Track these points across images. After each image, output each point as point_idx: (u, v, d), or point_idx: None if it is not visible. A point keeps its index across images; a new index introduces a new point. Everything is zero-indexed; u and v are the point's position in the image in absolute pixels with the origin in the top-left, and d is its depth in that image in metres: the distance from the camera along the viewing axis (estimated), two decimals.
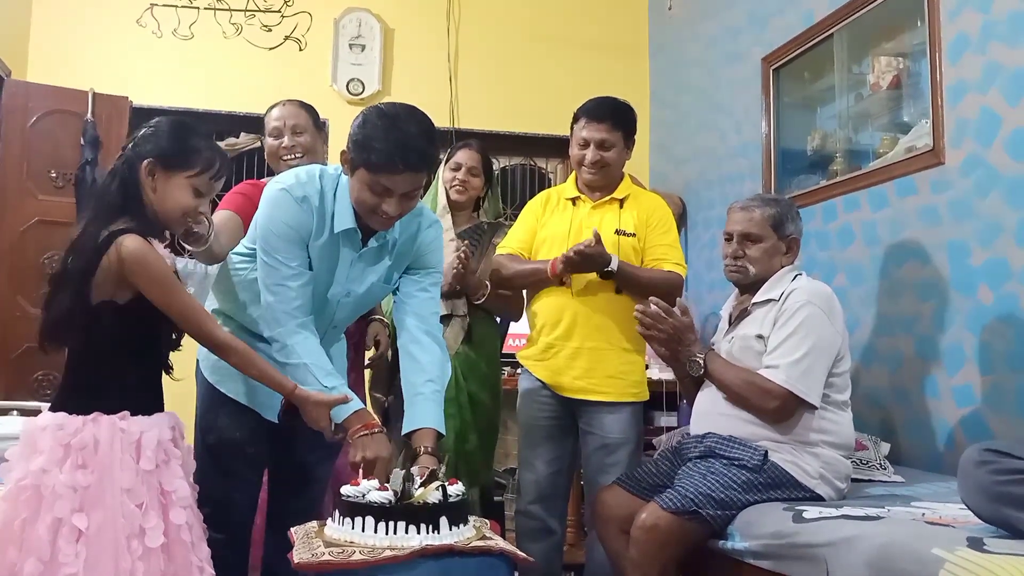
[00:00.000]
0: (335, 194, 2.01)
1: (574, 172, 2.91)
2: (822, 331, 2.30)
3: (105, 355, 1.79)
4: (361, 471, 1.87)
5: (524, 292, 2.98)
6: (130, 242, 1.74)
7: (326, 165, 2.15)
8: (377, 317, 2.94)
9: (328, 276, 2.06)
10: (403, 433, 2.06)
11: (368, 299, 2.19)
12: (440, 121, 4.66)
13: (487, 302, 2.94)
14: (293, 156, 2.69)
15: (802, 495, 2.24)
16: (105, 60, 4.39)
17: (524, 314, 3.02)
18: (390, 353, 2.90)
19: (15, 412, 3.03)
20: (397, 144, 1.87)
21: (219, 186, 1.91)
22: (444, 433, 2.06)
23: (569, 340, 2.75)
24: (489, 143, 4.64)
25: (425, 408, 2.05)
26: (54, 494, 1.66)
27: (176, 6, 4.52)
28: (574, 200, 2.86)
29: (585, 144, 2.75)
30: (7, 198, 4.02)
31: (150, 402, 1.85)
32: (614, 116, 2.76)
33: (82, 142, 4.10)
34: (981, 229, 2.63)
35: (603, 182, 2.81)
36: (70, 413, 1.74)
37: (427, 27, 4.83)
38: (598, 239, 2.58)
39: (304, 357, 1.97)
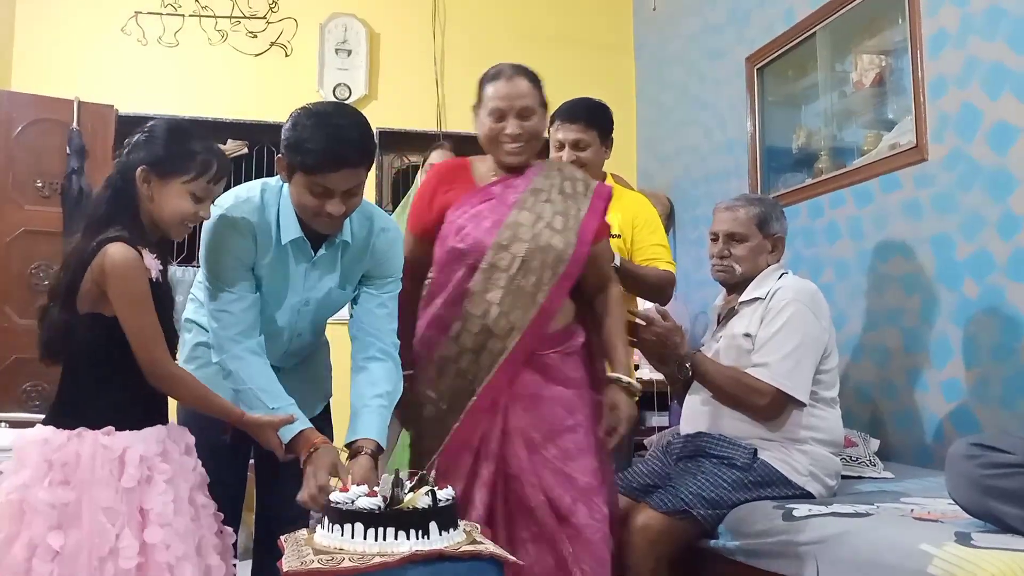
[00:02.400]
0: (279, 206, 1.96)
1: None
2: (808, 328, 2.31)
3: (92, 368, 1.76)
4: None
5: None
6: (114, 250, 1.71)
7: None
8: None
9: (283, 286, 2.01)
10: (345, 443, 2.00)
11: (329, 304, 2.12)
12: (428, 124, 4.74)
13: None
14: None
15: (792, 493, 2.25)
16: (90, 69, 4.38)
17: None
18: None
19: (3, 424, 3.02)
20: (330, 140, 1.82)
21: (219, 189, 1.86)
22: (384, 447, 1.99)
23: None
24: (476, 145, 4.67)
25: (369, 420, 1.98)
26: (33, 511, 1.63)
27: (161, 14, 4.50)
28: None
29: (561, 146, 2.75)
30: None
31: (140, 416, 1.79)
32: (587, 115, 2.75)
33: (68, 151, 4.08)
34: (965, 223, 2.64)
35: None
36: (58, 428, 1.71)
37: (413, 30, 4.83)
38: None
39: (248, 382, 1.93)
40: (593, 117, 2.77)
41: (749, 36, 3.89)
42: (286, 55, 4.65)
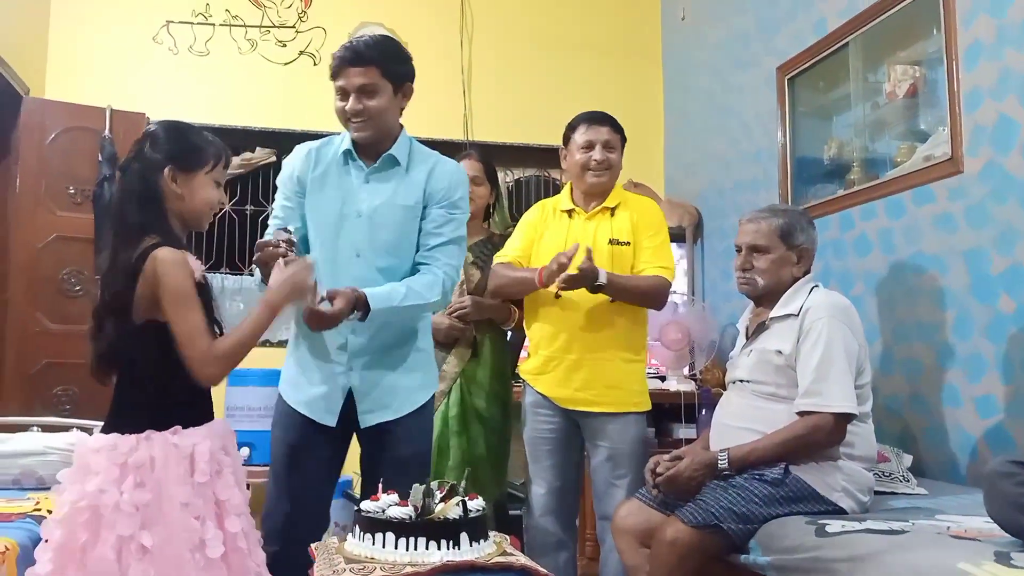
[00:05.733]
0: (344, 135, 2.34)
1: (568, 185, 2.93)
2: (847, 344, 2.29)
3: (153, 374, 1.81)
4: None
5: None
6: (163, 254, 1.77)
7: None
8: None
9: (336, 196, 2.28)
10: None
11: (382, 222, 2.26)
12: (454, 133, 4.75)
13: (493, 312, 2.98)
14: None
15: (824, 508, 2.22)
16: (122, 77, 4.42)
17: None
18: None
19: (36, 428, 3.05)
20: (342, 49, 2.24)
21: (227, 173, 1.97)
22: (372, 305, 2.13)
23: (568, 352, 2.75)
24: (503, 154, 4.72)
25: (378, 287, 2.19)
26: (116, 513, 1.67)
27: (192, 23, 4.55)
28: (569, 212, 2.87)
29: (590, 146, 2.78)
30: (25, 214, 4.04)
31: (199, 413, 1.87)
32: (612, 122, 2.84)
33: (100, 158, 4.12)
34: (999, 236, 2.61)
35: (608, 184, 2.82)
36: (122, 433, 1.76)
37: (440, 40, 4.84)
38: (590, 256, 2.57)
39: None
40: (617, 125, 2.85)
41: (779, 46, 3.87)
42: (314, 64, 4.67)
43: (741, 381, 2.48)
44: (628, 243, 2.75)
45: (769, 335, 2.44)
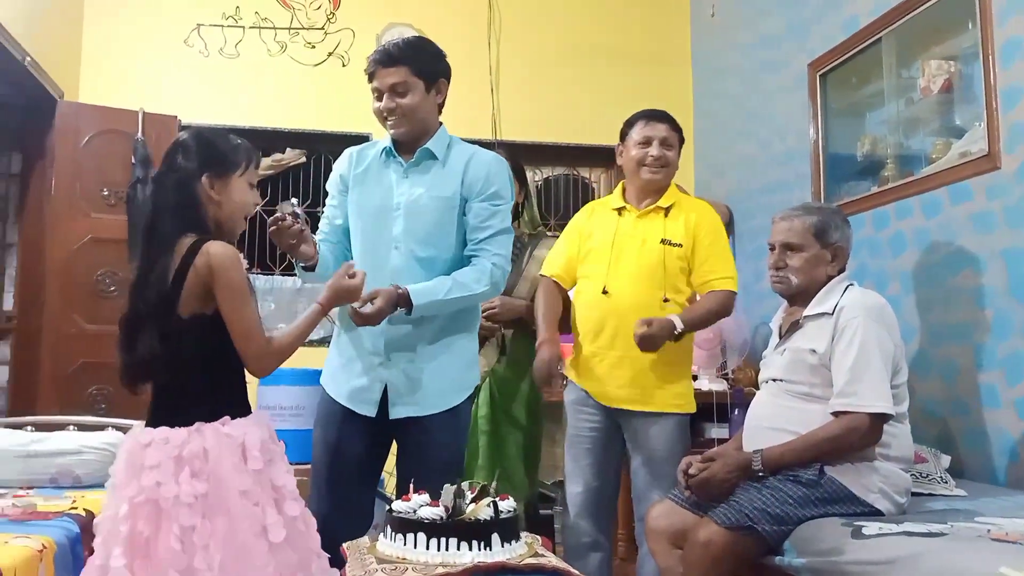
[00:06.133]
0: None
1: (620, 183, 2.90)
2: (882, 344, 2.25)
3: (199, 367, 1.84)
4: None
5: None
6: (216, 247, 1.80)
7: None
8: None
9: (376, 190, 2.36)
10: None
11: (420, 213, 2.31)
12: (482, 133, 4.73)
13: (523, 313, 2.98)
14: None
15: (861, 510, 2.19)
16: (154, 80, 4.47)
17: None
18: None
19: (72, 427, 3.09)
20: (375, 52, 2.33)
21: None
22: (415, 305, 2.20)
23: (612, 349, 2.72)
24: (532, 154, 4.71)
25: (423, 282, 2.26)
26: (177, 504, 1.69)
27: (222, 26, 4.59)
28: (620, 210, 2.84)
29: (647, 142, 2.76)
30: (61, 217, 4.10)
31: (242, 404, 1.90)
32: (671, 120, 2.82)
33: (133, 161, 4.17)
34: None
35: (664, 182, 2.79)
36: (172, 426, 1.78)
37: (468, 40, 4.83)
38: (646, 322, 2.55)
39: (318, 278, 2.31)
40: (676, 123, 2.82)
41: (810, 44, 3.82)
42: (343, 65, 4.70)
43: (774, 380, 2.45)
44: (680, 244, 2.71)
45: (803, 334, 2.40)
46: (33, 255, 4.10)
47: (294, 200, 2.20)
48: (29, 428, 3.00)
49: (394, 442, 2.41)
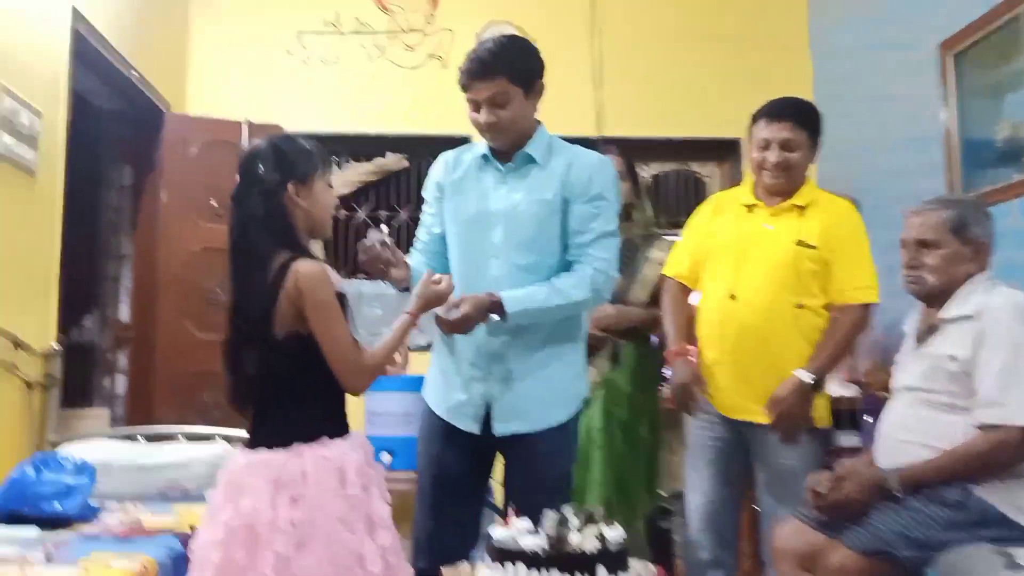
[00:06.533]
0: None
1: (748, 176, 2.72)
2: None
3: (297, 387, 1.81)
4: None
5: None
6: (304, 267, 1.77)
7: None
8: None
9: (473, 197, 2.25)
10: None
11: (518, 220, 2.20)
12: (585, 129, 4.57)
13: (639, 322, 2.84)
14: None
15: (1013, 534, 1.96)
16: (257, 90, 4.51)
17: None
18: None
19: (180, 436, 3.11)
20: (466, 61, 2.18)
21: None
22: (507, 308, 2.09)
23: (736, 355, 2.52)
24: (640, 149, 4.54)
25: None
26: (273, 531, 1.66)
27: (323, 32, 4.59)
28: (750, 207, 2.63)
29: (766, 145, 2.55)
30: (172, 228, 4.19)
31: (341, 424, 1.86)
32: (796, 115, 2.56)
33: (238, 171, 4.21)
34: None
35: (786, 186, 2.57)
36: (270, 447, 1.75)
37: (569, 32, 4.70)
38: (774, 401, 2.43)
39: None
40: (803, 117, 2.57)
41: (940, 22, 3.52)
42: (443, 66, 4.63)
43: (910, 389, 2.24)
44: (815, 247, 2.48)
45: (942, 339, 2.18)
46: (147, 266, 4.19)
47: (384, 228, 2.16)
48: (139, 437, 3.04)
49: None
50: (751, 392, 2.51)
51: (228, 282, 1.86)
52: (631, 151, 3.37)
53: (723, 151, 4.74)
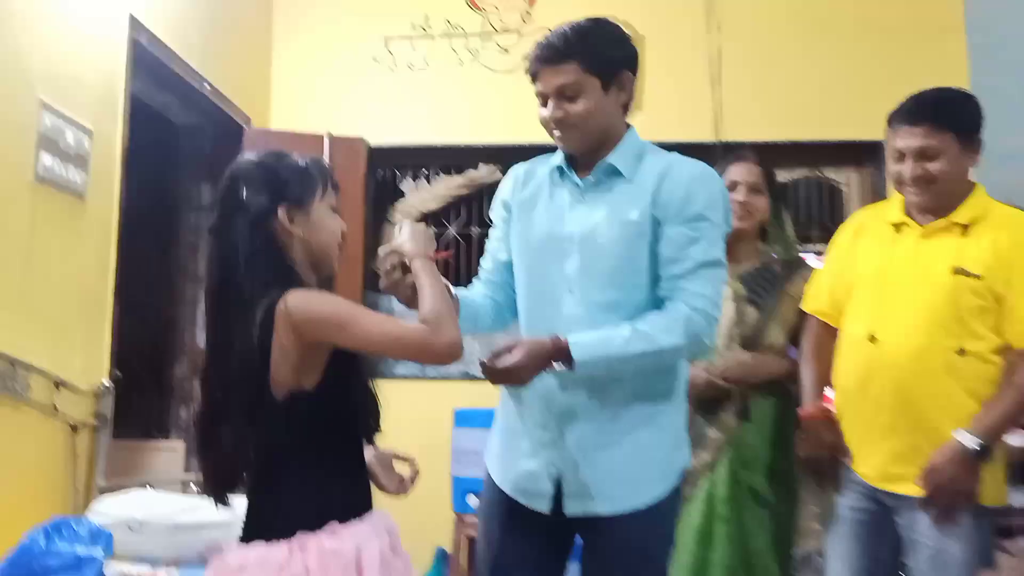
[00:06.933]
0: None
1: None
2: None
3: (300, 458, 1.48)
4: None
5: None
6: (294, 295, 1.43)
7: None
8: None
9: (545, 218, 1.85)
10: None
11: (598, 247, 1.77)
12: (703, 134, 4.11)
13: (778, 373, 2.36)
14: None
15: None
16: (341, 101, 4.26)
17: None
18: None
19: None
20: (534, 46, 1.83)
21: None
22: (574, 355, 1.66)
23: (879, 411, 2.03)
24: (764, 155, 3.97)
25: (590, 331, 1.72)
26: None
27: (411, 37, 4.28)
28: (897, 226, 2.12)
29: (900, 156, 2.05)
30: None
31: (359, 501, 1.52)
32: (937, 114, 2.02)
33: None
34: None
35: (934, 202, 2.05)
36: (267, 540, 1.42)
37: (683, 28, 4.22)
38: (931, 470, 1.97)
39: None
40: (945, 114, 2.04)
41: None
42: None
43: None
44: (980, 276, 1.96)
45: None
46: None
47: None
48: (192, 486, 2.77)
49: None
50: (898, 457, 2.02)
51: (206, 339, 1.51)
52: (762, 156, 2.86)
53: (862, 155, 4.16)
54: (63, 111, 2.63)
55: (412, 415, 4.00)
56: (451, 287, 1.75)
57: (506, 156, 4.19)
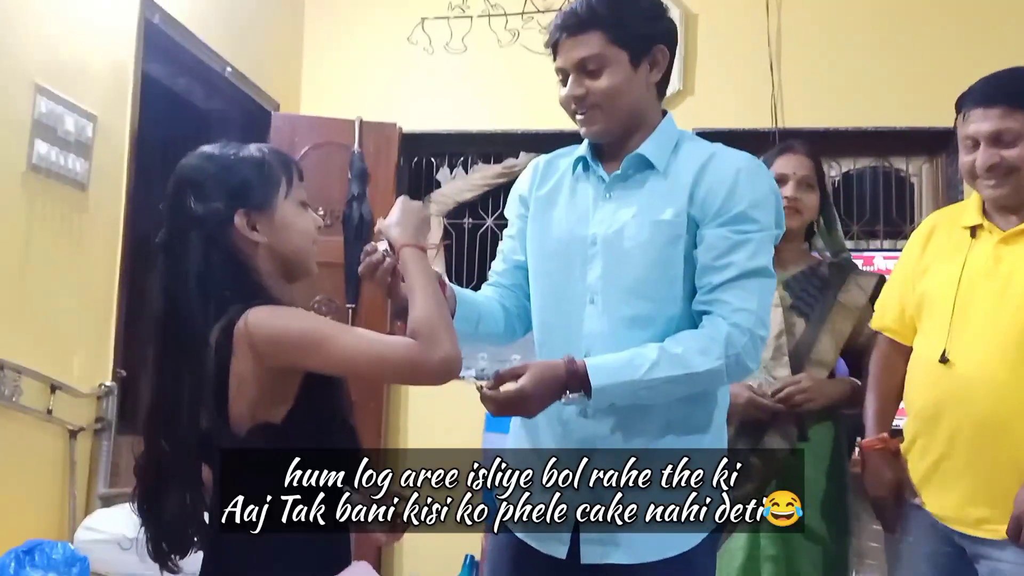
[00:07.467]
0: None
1: None
2: None
3: (268, 503, 1.25)
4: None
5: None
6: (254, 315, 1.22)
7: None
8: None
9: (565, 216, 1.64)
10: None
11: (625, 250, 1.56)
12: (760, 121, 3.84)
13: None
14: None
15: None
16: (374, 85, 4.08)
17: None
18: None
19: None
20: (557, 15, 1.61)
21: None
22: (593, 380, 1.43)
23: (954, 444, 1.78)
24: (826, 143, 3.71)
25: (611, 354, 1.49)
26: None
27: (448, 17, 4.07)
28: (974, 230, 1.85)
29: (974, 143, 1.79)
30: None
31: (334, 551, 1.31)
32: (1012, 93, 1.76)
33: (349, 175, 3.82)
34: None
35: (1015, 197, 1.78)
36: None
37: (739, 6, 3.95)
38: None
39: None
40: (1022, 93, 1.76)
41: None
42: None
43: None
44: None
45: None
46: None
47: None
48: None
49: None
50: (978, 496, 1.77)
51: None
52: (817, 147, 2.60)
53: (934, 143, 3.83)
54: (62, 95, 2.47)
55: (442, 418, 3.83)
56: (443, 276, 1.53)
57: (548, 144, 3.88)
